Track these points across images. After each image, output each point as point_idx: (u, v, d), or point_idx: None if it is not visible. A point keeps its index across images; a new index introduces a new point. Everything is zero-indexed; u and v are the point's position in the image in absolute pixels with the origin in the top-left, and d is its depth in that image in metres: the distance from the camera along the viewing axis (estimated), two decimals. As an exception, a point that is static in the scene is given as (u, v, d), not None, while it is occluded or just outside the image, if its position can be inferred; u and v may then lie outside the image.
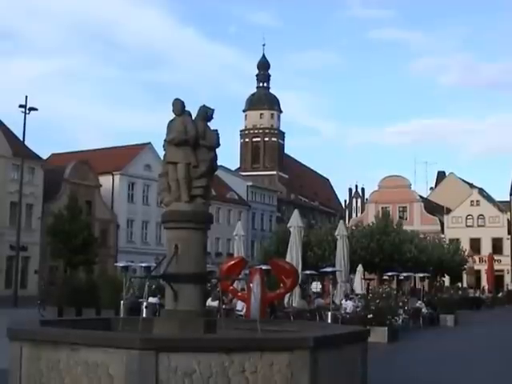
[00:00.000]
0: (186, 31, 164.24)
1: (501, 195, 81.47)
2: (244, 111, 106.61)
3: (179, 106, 9.29)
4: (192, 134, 9.08)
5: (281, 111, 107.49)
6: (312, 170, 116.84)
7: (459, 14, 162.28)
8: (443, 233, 72.10)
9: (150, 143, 63.54)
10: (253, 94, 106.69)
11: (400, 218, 66.11)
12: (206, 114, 9.43)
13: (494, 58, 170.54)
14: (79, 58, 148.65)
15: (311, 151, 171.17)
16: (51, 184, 53.45)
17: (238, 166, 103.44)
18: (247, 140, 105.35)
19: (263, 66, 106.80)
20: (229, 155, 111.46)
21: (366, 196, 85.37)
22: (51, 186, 53.57)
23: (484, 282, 63.00)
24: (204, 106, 9.51)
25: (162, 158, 9.70)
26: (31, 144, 51.07)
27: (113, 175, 60.85)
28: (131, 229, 62.87)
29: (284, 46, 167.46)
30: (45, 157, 57.60)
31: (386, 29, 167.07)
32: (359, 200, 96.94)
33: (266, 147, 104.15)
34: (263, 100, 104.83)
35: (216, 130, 9.43)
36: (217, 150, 9.47)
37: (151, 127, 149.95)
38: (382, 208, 69.44)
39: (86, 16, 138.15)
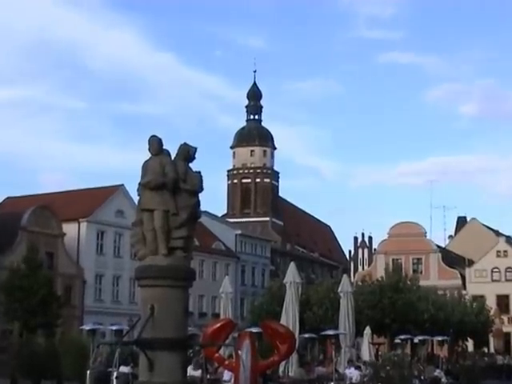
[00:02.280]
0: (165, 56, 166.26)
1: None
2: (232, 148, 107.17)
3: (156, 145, 9.40)
4: (171, 176, 9.17)
5: (274, 148, 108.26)
6: (311, 215, 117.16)
7: (480, 34, 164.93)
8: (465, 288, 72.02)
9: (122, 185, 63.68)
10: (242, 128, 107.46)
11: (414, 271, 66.16)
12: (188, 153, 9.55)
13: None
14: (40, 88, 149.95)
15: (310, 194, 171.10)
16: (6, 233, 53.26)
17: (225, 211, 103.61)
18: (236, 181, 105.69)
19: (254, 95, 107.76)
20: (215, 199, 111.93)
21: (374, 246, 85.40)
22: (6, 235, 53.37)
23: (514, 347, 62.82)
24: (185, 144, 9.63)
25: (136, 202, 9.78)
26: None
27: (79, 222, 60.72)
28: (100, 285, 62.46)
29: (278, 72, 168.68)
30: (-1, 201, 57.69)
31: (396, 52, 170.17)
32: (366, 250, 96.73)
33: (257, 189, 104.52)
34: (254, 135, 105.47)
35: (199, 172, 9.54)
36: (200, 194, 9.57)
37: (124, 167, 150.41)
38: (393, 260, 69.48)
39: (49, 39, 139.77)
